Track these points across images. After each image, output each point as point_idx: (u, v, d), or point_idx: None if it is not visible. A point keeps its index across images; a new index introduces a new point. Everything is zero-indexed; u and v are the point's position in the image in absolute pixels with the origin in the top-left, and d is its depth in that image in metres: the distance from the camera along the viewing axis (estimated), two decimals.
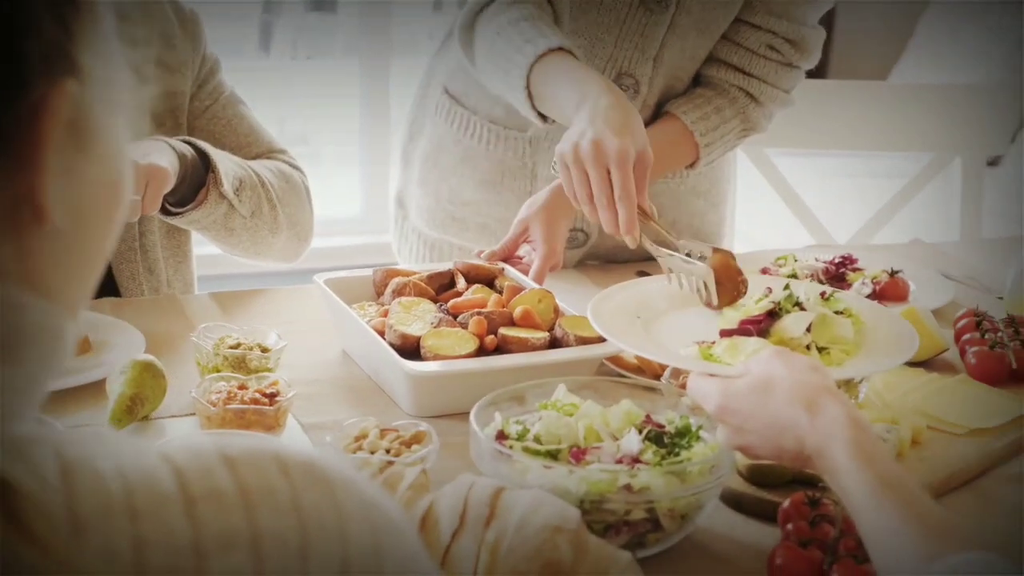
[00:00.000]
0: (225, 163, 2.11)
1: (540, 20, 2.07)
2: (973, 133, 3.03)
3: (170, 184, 1.98)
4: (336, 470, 0.80)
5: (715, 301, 1.80)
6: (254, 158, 2.27)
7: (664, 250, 1.88)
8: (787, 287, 1.72)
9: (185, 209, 2.08)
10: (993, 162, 4.29)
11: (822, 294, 1.72)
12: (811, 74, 2.38)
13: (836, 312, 1.70)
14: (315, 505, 0.77)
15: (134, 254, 2.20)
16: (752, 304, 1.72)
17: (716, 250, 1.85)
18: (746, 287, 1.81)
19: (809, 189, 3.12)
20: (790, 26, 2.25)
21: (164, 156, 2.00)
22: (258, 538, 0.74)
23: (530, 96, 2.04)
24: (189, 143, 2.09)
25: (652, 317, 1.78)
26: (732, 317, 1.72)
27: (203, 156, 2.09)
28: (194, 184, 2.08)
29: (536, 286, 1.99)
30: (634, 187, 1.89)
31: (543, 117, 2.08)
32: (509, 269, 2.05)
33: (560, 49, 2.02)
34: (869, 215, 3.02)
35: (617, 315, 1.75)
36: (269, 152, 2.30)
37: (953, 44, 4.80)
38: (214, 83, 2.29)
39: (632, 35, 2.20)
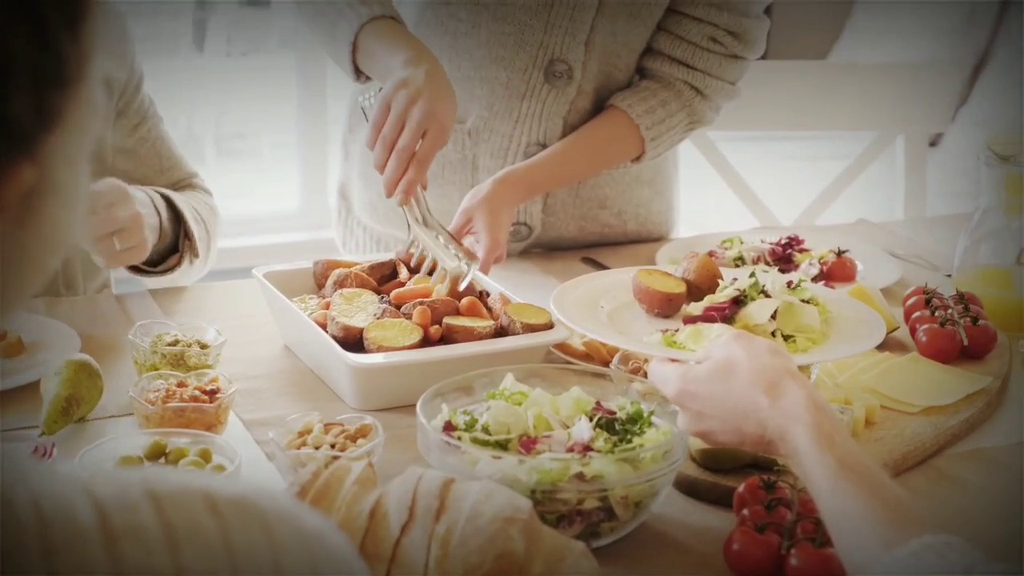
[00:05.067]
0: (193, 226, 2.07)
1: None
2: (914, 112, 3.02)
3: (141, 258, 1.96)
4: (272, 504, 0.76)
5: (443, 290, 1.86)
6: (175, 183, 2.21)
7: (423, 228, 1.94)
8: (752, 274, 1.70)
9: (155, 270, 2.05)
10: (933, 142, 4.30)
11: (788, 283, 1.70)
12: None
13: (802, 300, 1.68)
14: (247, 543, 0.73)
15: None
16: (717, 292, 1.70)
17: (696, 255, 1.84)
18: None
19: (753, 171, 3.09)
20: (731, 18, 2.22)
21: (152, 233, 1.97)
22: None
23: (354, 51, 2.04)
24: (163, 196, 2.06)
25: (615, 307, 1.77)
26: (698, 305, 1.70)
27: (170, 206, 2.05)
28: (162, 245, 2.04)
29: (483, 275, 1.96)
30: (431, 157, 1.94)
31: (358, 74, 2.07)
32: None
33: (387, 17, 2.04)
34: (813, 196, 3.00)
35: (580, 304, 1.74)
36: (188, 176, 2.24)
37: (890, 23, 4.80)
38: (139, 99, 2.19)
39: (561, 20, 2.17)
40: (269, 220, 4.91)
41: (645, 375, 1.55)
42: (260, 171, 5.31)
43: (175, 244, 2.08)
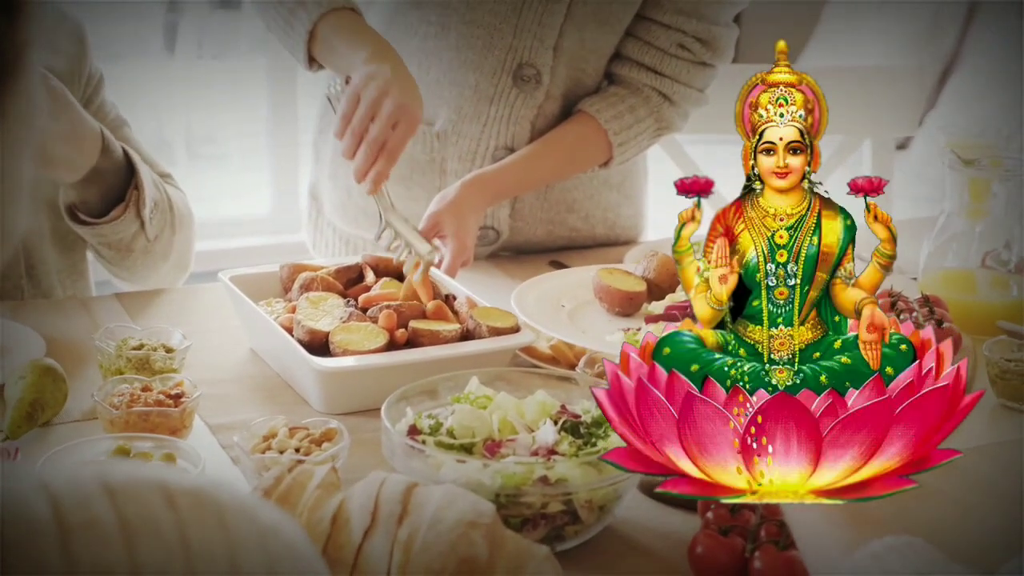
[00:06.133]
0: (148, 183, 2.00)
1: None
2: (881, 116, 3.03)
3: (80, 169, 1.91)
4: (229, 497, 0.76)
5: (416, 278, 1.87)
6: None
7: (397, 214, 1.96)
8: None
9: (98, 221, 1.98)
10: (902, 145, 4.31)
11: None
12: None
13: None
14: (203, 538, 0.72)
15: (19, 278, 2.10)
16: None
17: (657, 254, 1.84)
18: None
19: (722, 175, 3.09)
20: (700, 25, 2.23)
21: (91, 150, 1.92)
22: (138, 573, 0.69)
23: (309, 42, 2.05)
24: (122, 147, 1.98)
25: (576, 305, 1.77)
26: (659, 304, 1.70)
27: (128, 162, 1.98)
28: (110, 193, 1.97)
29: (449, 279, 1.96)
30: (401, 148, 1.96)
31: (311, 62, 2.08)
32: None
33: (347, 9, 2.05)
34: None
35: (541, 303, 1.74)
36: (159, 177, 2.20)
37: (859, 28, 4.82)
38: (99, 102, 2.15)
39: (530, 24, 2.18)
40: (240, 224, 4.89)
41: None
42: (231, 174, 5.28)
43: (122, 195, 2.00)
